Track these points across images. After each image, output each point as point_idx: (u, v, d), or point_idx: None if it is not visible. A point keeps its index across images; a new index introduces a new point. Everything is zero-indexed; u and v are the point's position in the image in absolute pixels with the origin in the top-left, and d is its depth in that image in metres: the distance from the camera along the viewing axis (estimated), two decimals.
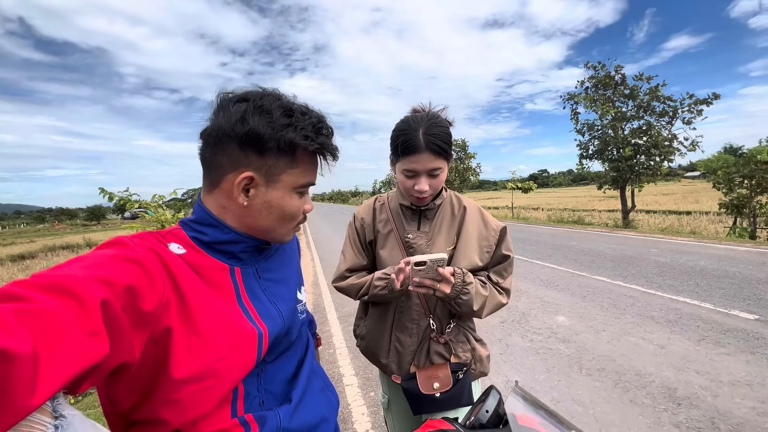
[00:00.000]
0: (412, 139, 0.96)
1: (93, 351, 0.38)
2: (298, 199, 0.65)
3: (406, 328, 1.11)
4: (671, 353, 2.99)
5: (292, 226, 0.68)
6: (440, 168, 0.99)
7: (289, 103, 0.62)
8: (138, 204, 3.55)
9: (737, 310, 3.86)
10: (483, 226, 1.12)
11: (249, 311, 0.61)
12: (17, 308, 0.34)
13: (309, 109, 0.64)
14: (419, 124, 0.97)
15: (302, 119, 0.60)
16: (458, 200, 1.17)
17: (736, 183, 11.02)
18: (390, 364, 1.14)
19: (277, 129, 0.58)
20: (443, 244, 1.10)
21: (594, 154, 13.97)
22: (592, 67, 13.56)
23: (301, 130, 0.59)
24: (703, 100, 11.62)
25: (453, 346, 1.10)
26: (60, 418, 0.34)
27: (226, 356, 0.55)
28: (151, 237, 0.58)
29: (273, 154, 0.59)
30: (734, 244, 7.94)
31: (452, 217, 1.14)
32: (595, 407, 2.34)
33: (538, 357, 3.04)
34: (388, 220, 1.16)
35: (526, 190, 21.28)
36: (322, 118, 0.64)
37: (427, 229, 1.12)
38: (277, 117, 0.58)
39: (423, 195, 1.01)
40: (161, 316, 0.50)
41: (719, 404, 2.30)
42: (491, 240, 1.11)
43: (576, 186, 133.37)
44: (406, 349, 1.11)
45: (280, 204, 0.63)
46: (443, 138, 0.97)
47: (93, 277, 0.42)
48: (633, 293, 4.63)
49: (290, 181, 0.62)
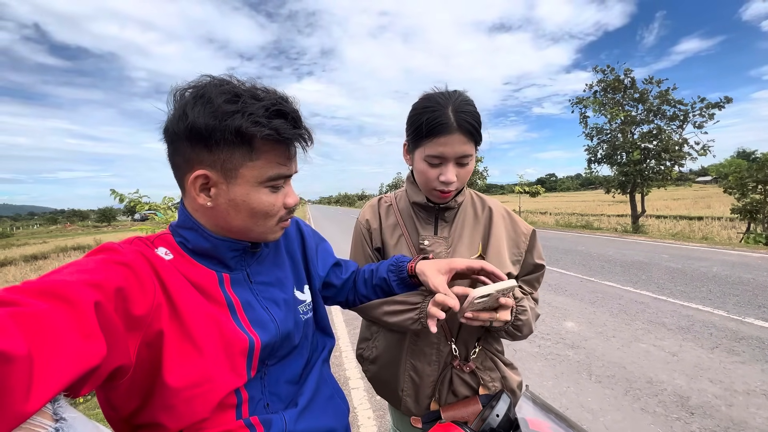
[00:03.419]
0: (440, 117, 0.79)
1: (90, 353, 0.38)
2: (269, 193, 0.59)
3: (424, 354, 0.93)
4: (683, 361, 2.93)
5: (271, 223, 0.61)
6: (470, 156, 0.83)
7: (236, 88, 0.55)
8: (148, 206, 3.60)
9: (752, 317, 3.77)
10: (512, 229, 0.96)
11: (240, 320, 0.60)
12: (12, 312, 0.34)
13: (267, 91, 0.57)
14: (447, 100, 0.81)
15: (251, 104, 0.53)
16: (481, 199, 1.01)
17: (750, 188, 10.80)
18: (405, 399, 0.96)
19: (220, 118, 0.52)
20: (466, 251, 0.92)
21: (603, 158, 13.82)
22: (600, 70, 13.44)
23: (250, 115, 0.52)
24: (714, 104, 11.43)
25: (480, 375, 0.92)
26: (60, 420, 0.34)
27: (218, 364, 0.54)
28: (140, 242, 0.57)
29: (223, 146, 0.53)
30: (748, 250, 7.77)
31: (475, 220, 0.96)
32: (605, 415, 2.29)
33: (547, 363, 3.00)
34: (396, 225, 0.99)
35: (533, 194, 21.13)
36: (279, 100, 0.56)
37: (446, 234, 0.94)
38: (220, 104, 0.52)
39: (449, 188, 0.84)
40: (153, 319, 0.49)
41: (734, 414, 2.24)
42: (521, 246, 0.95)
43: (584, 190, 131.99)
44: (424, 379, 0.93)
45: (246, 201, 0.57)
46: (476, 117, 0.81)
47: (83, 281, 0.42)
48: (644, 299, 4.55)
49: (252, 174, 0.56)
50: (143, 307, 0.48)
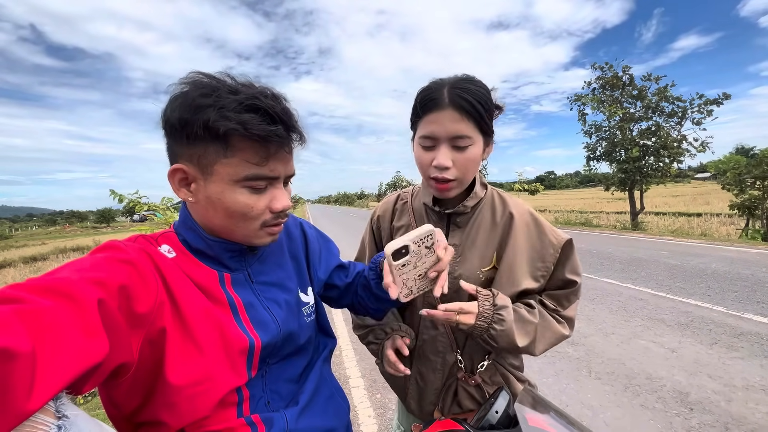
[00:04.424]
0: (433, 93, 0.74)
1: (93, 351, 0.38)
2: (249, 194, 0.55)
3: (430, 360, 0.89)
4: (683, 357, 2.94)
5: (253, 226, 0.58)
6: (468, 137, 0.73)
7: (219, 83, 0.53)
8: (147, 206, 3.59)
9: (751, 313, 3.78)
10: (537, 239, 0.84)
11: (242, 320, 0.59)
12: (16, 309, 0.34)
13: (251, 87, 0.55)
14: (447, 81, 0.76)
15: (225, 97, 0.51)
16: (503, 202, 0.89)
17: (748, 184, 10.83)
18: (409, 401, 0.94)
19: (192, 111, 0.51)
20: (477, 261, 0.84)
21: (601, 155, 13.84)
22: (599, 67, 13.45)
23: (220, 109, 0.50)
24: (713, 101, 11.45)
25: (487, 390, 0.87)
26: (63, 418, 0.34)
27: (219, 363, 0.55)
28: (144, 240, 0.58)
29: (198, 141, 0.52)
30: (747, 246, 7.79)
31: (492, 226, 0.86)
32: (605, 411, 2.30)
33: (546, 360, 3.00)
34: (409, 225, 0.92)
35: (532, 192, 21.11)
36: (256, 95, 0.53)
37: (458, 241, 0.86)
38: (194, 98, 0.51)
39: (443, 175, 0.75)
40: (156, 317, 0.50)
41: (733, 409, 2.25)
42: (548, 259, 0.83)
43: (583, 188, 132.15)
44: (428, 386, 0.90)
45: (221, 200, 0.55)
46: (476, 95, 0.72)
47: (87, 279, 0.42)
48: (643, 296, 4.56)
49: (227, 172, 0.53)
50: (146, 305, 0.48)
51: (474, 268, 0.84)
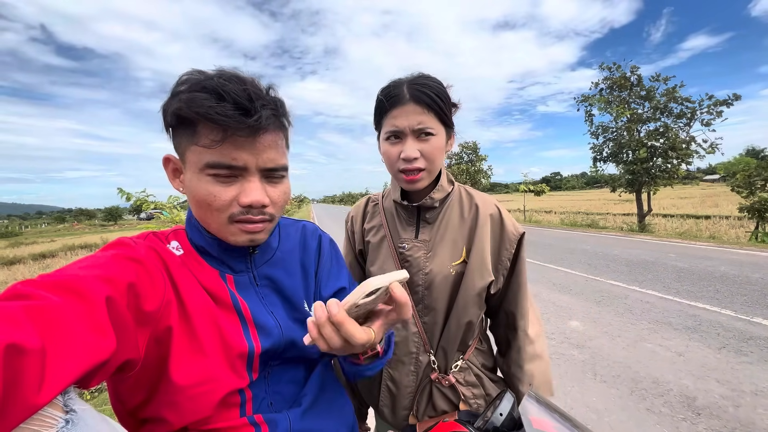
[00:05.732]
0: (394, 90, 0.78)
1: (101, 347, 0.38)
2: (212, 183, 0.53)
3: (402, 363, 0.88)
4: (690, 361, 2.90)
5: (220, 219, 0.55)
6: (430, 128, 0.77)
7: (196, 74, 0.52)
8: (154, 205, 3.62)
9: (760, 317, 3.72)
10: (498, 233, 0.87)
11: (246, 322, 0.59)
12: (26, 305, 0.35)
13: (228, 76, 0.52)
14: (405, 79, 0.80)
15: (196, 84, 0.51)
16: (469, 197, 0.91)
17: (758, 186, 10.66)
18: (382, 410, 0.91)
19: (167, 102, 0.53)
20: (447, 256, 0.85)
21: (608, 156, 13.71)
22: (606, 68, 13.32)
23: (187, 94, 0.50)
24: (722, 101, 11.29)
25: (461, 390, 0.87)
26: (71, 412, 0.34)
27: (221, 364, 0.55)
28: (154, 237, 0.58)
29: (175, 130, 0.54)
30: (757, 249, 7.67)
31: (461, 221, 0.88)
32: (610, 415, 2.28)
33: (551, 362, 2.98)
34: (381, 225, 0.93)
35: (538, 193, 21.01)
36: (223, 80, 0.50)
37: (428, 237, 0.87)
38: (173, 87, 0.53)
39: (411, 166, 0.78)
40: (163, 315, 0.50)
41: (741, 415, 2.21)
42: (504, 254, 0.86)
43: (590, 189, 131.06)
44: (401, 390, 0.88)
45: (190, 188, 0.54)
46: (435, 90, 0.77)
47: (96, 276, 0.42)
48: (649, 299, 4.51)
49: (193, 159, 0.53)
50: (154, 303, 0.49)
51: (445, 263, 0.85)
